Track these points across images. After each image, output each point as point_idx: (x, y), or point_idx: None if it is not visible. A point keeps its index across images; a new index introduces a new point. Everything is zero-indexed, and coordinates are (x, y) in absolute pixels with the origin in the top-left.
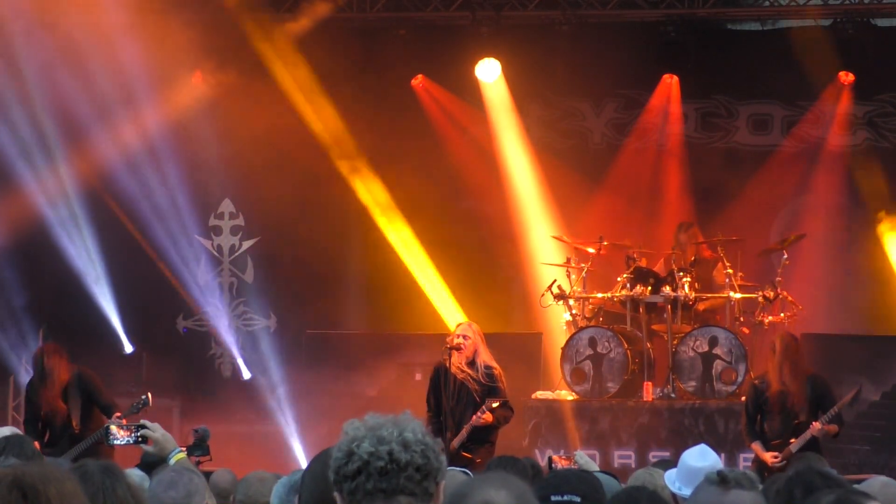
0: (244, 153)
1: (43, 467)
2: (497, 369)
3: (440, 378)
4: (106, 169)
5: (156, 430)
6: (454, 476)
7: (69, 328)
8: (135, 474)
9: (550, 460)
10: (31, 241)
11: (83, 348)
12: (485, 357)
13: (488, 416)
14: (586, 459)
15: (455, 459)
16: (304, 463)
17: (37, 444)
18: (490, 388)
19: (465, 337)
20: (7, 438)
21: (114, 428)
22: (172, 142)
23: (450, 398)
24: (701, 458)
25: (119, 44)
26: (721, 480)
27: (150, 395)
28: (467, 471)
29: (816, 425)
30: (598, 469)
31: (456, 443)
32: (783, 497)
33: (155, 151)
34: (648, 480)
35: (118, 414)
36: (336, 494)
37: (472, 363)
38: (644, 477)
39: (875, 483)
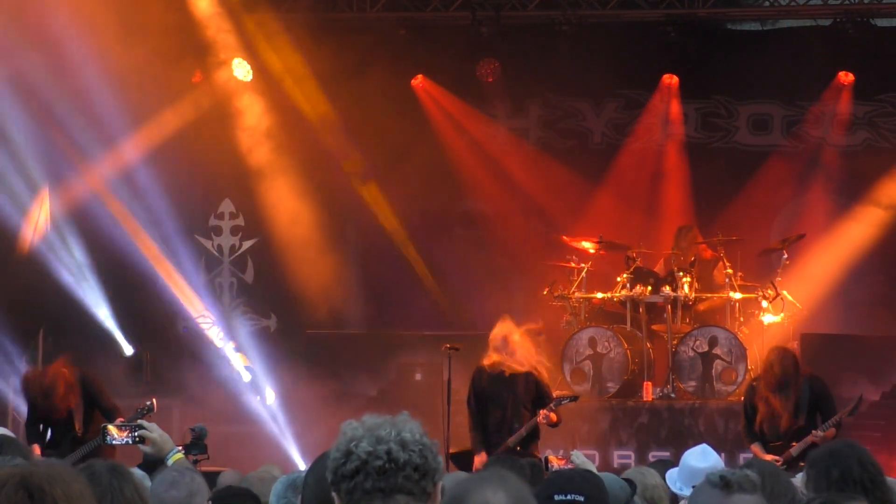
0: (244, 153)
1: (50, 468)
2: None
3: (483, 378)
4: (106, 169)
5: (153, 431)
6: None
7: (69, 328)
8: (135, 473)
9: (546, 461)
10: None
11: (83, 349)
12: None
13: (553, 416)
14: (582, 459)
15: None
16: (303, 464)
17: (37, 447)
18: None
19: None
20: (2, 437)
21: (111, 428)
22: (172, 142)
23: (498, 397)
24: (702, 458)
25: (117, 44)
26: (724, 484)
27: (154, 401)
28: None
29: (816, 434)
30: (594, 469)
31: (512, 441)
32: (819, 469)
33: (155, 152)
34: (640, 479)
35: (122, 419)
36: (333, 495)
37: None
38: (635, 476)
39: (893, 483)
